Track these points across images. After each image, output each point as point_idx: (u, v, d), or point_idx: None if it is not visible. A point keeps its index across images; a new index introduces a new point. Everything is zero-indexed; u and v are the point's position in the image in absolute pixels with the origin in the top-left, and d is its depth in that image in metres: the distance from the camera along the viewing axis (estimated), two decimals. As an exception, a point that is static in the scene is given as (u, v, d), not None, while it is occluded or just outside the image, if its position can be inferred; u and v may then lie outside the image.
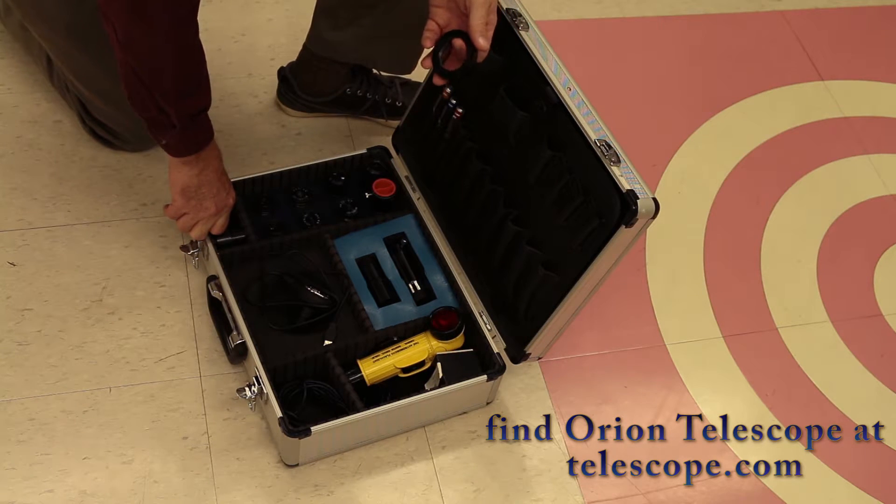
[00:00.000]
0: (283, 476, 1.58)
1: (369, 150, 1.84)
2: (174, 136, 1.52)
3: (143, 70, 1.42)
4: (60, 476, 1.54)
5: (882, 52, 2.44)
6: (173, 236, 1.78)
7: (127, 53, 1.40)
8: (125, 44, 1.38)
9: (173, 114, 1.47)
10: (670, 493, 1.68)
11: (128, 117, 1.77)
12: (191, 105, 1.49)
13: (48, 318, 1.67)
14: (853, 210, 2.12)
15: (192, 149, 1.56)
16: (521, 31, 1.55)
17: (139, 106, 1.47)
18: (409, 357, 1.64)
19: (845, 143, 2.23)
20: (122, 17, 1.36)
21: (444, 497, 1.61)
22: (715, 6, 2.43)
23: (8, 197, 1.79)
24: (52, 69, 1.86)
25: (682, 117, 2.20)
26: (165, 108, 1.46)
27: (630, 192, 1.41)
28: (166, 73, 1.42)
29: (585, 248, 1.49)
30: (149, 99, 1.45)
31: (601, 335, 1.83)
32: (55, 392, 1.61)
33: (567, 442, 1.70)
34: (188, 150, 1.56)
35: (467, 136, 1.69)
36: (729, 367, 1.85)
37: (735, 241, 2.02)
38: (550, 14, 2.32)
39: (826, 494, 1.74)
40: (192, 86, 1.48)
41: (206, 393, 1.64)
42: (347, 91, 1.93)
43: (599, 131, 1.47)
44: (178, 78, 1.44)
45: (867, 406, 1.85)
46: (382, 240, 1.76)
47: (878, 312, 1.98)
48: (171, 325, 1.70)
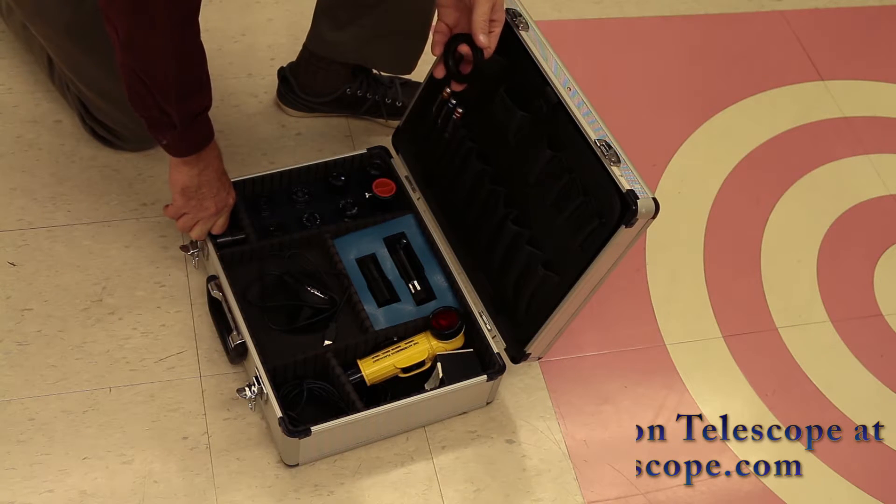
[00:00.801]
0: (283, 476, 1.58)
1: (369, 150, 1.84)
2: (175, 137, 1.52)
3: (144, 71, 1.41)
4: (60, 476, 1.54)
5: (882, 52, 2.44)
6: (173, 236, 1.78)
7: (128, 54, 1.40)
8: (126, 45, 1.38)
9: (174, 114, 1.47)
10: (670, 493, 1.68)
11: (128, 116, 1.77)
12: (192, 106, 1.49)
13: (48, 318, 1.67)
14: (853, 210, 2.12)
15: (192, 149, 1.56)
16: (521, 31, 1.55)
17: (140, 106, 1.47)
18: (409, 357, 1.64)
19: (845, 143, 2.23)
20: (123, 18, 1.36)
21: (444, 497, 1.61)
22: (715, 6, 2.43)
23: (8, 197, 1.79)
24: (53, 68, 1.86)
25: (682, 117, 2.20)
26: (166, 108, 1.46)
27: (630, 192, 1.41)
28: (167, 74, 1.42)
29: (585, 248, 1.49)
30: (149, 99, 1.45)
31: (601, 335, 1.83)
32: (55, 392, 1.61)
33: (567, 442, 1.70)
34: (189, 150, 1.56)
35: (467, 136, 1.69)
36: (729, 366, 1.85)
37: (735, 241, 2.02)
38: (550, 14, 2.32)
39: (826, 494, 1.74)
40: (194, 87, 1.48)
41: (206, 393, 1.64)
42: (347, 91, 1.93)
43: (599, 131, 1.47)
44: (180, 79, 1.44)
45: (867, 406, 1.85)
46: (382, 240, 1.76)
47: (878, 312, 1.98)
48: (171, 325, 1.70)
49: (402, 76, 1.97)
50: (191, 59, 1.45)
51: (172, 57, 1.41)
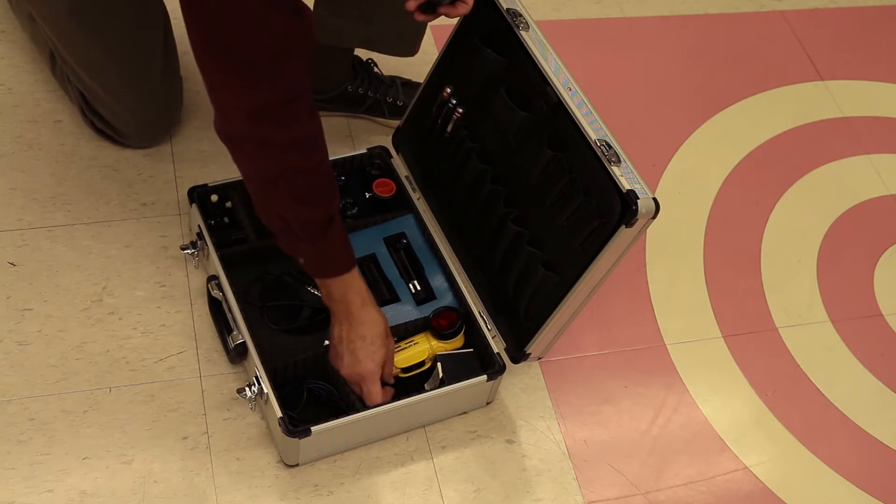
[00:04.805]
0: (283, 476, 1.58)
1: (369, 150, 1.84)
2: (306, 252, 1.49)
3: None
4: (60, 476, 1.54)
5: (882, 52, 2.44)
6: (173, 236, 1.78)
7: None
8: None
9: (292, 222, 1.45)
10: (670, 493, 1.68)
11: (128, 110, 1.77)
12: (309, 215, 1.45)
13: (48, 318, 1.67)
14: (853, 210, 2.12)
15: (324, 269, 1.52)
16: (521, 31, 1.55)
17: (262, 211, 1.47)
18: (409, 357, 1.64)
19: (845, 143, 2.23)
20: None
21: (444, 497, 1.61)
22: (715, 6, 2.43)
23: (8, 197, 1.79)
24: (55, 62, 1.86)
25: (682, 117, 2.20)
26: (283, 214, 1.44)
27: (630, 192, 1.41)
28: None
29: (586, 248, 1.49)
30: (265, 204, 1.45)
31: (601, 335, 1.83)
32: (55, 392, 1.61)
33: (567, 442, 1.70)
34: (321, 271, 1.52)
35: (467, 135, 1.69)
36: (729, 366, 1.85)
37: (735, 241, 2.02)
38: (550, 14, 2.32)
39: (826, 494, 1.74)
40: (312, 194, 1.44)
41: (206, 393, 1.64)
42: (349, 88, 1.93)
43: (599, 131, 1.47)
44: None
45: (867, 406, 1.85)
46: (382, 240, 1.76)
47: (878, 312, 1.98)
48: (171, 325, 1.70)
49: (402, 76, 1.97)
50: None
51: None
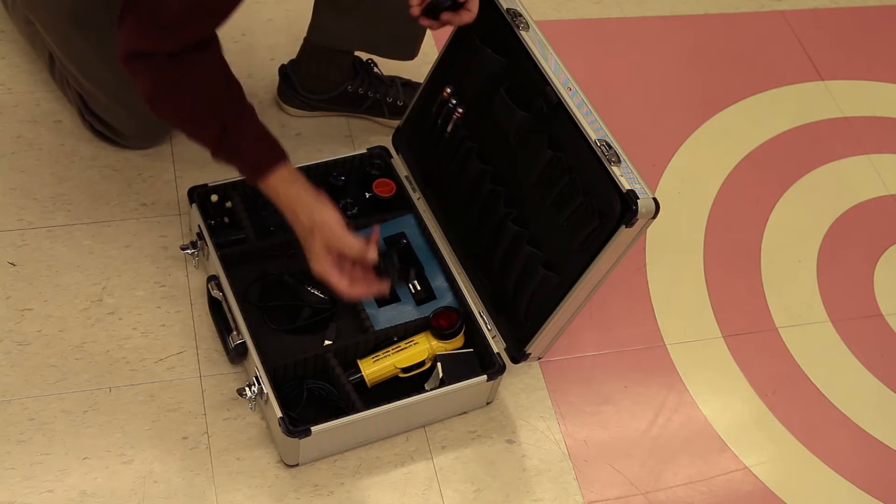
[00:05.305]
0: (283, 476, 1.58)
1: (369, 150, 1.84)
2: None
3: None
4: (60, 476, 1.54)
5: (882, 52, 2.44)
6: (173, 236, 1.78)
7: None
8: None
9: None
10: (670, 493, 1.68)
11: (128, 112, 1.77)
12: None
13: (48, 318, 1.67)
14: (853, 210, 2.12)
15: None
16: (521, 31, 1.55)
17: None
18: (409, 357, 1.64)
19: (845, 143, 2.23)
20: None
21: (444, 497, 1.61)
22: (715, 6, 2.43)
23: (8, 197, 1.79)
24: (54, 64, 1.86)
25: (682, 117, 2.20)
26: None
27: (630, 192, 1.41)
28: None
29: (585, 248, 1.49)
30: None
31: (601, 335, 1.83)
32: (55, 392, 1.61)
33: (567, 442, 1.70)
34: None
35: (467, 136, 1.69)
36: (729, 367, 1.85)
37: (735, 241, 2.02)
38: (550, 14, 2.32)
39: (826, 494, 1.73)
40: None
41: (206, 393, 1.64)
42: (349, 88, 1.93)
43: (599, 131, 1.47)
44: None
45: (867, 406, 1.85)
46: (383, 240, 1.76)
47: (878, 312, 1.98)
48: (171, 325, 1.70)
49: (402, 76, 1.97)
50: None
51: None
